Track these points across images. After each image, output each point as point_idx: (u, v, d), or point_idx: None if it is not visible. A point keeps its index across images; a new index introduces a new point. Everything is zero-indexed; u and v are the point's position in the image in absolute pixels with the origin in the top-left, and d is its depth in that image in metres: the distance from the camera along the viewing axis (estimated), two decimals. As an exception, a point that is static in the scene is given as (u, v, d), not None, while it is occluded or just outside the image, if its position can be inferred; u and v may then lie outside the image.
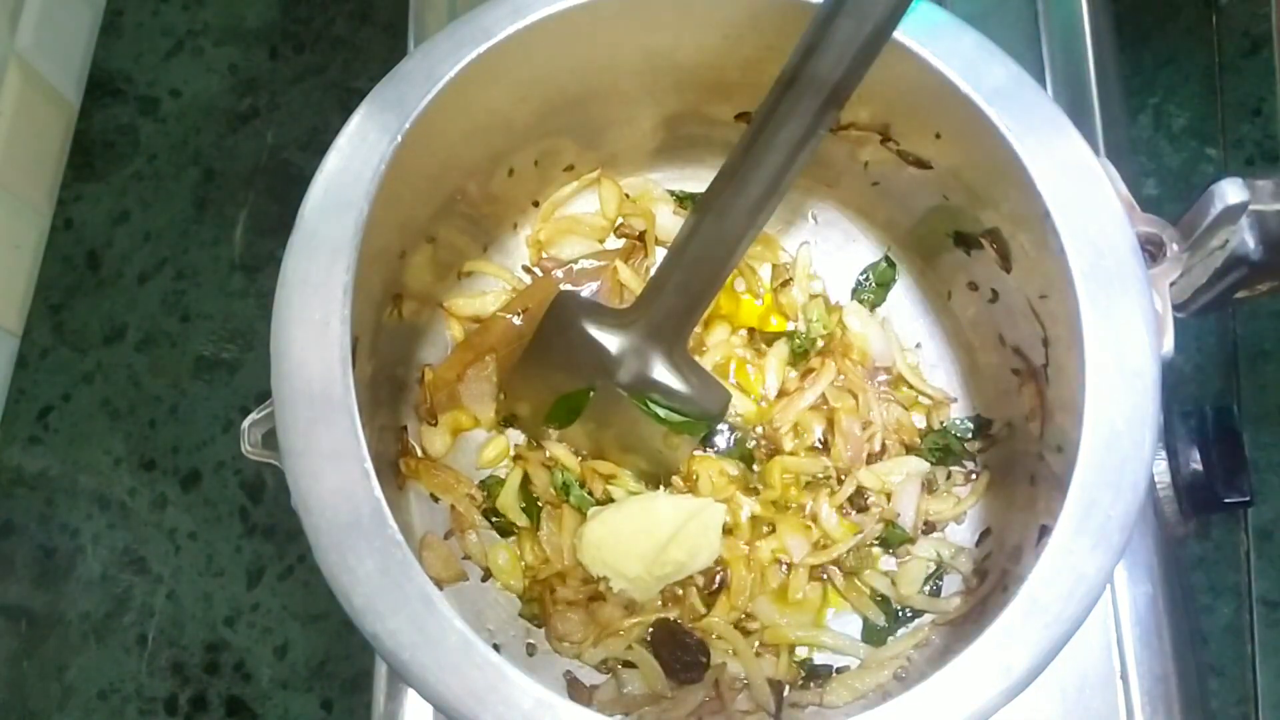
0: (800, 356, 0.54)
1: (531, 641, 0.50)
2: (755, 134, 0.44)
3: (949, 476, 0.52)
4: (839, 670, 0.49)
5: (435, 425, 0.52)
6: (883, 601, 0.50)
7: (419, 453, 0.52)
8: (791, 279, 0.55)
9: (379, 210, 0.42)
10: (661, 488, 0.52)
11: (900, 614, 0.50)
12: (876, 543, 0.51)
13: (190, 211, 0.69)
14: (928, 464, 0.52)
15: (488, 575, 0.51)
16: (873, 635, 0.50)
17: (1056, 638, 0.38)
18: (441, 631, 0.37)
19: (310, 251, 0.41)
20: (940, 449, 0.53)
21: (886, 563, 0.52)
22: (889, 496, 0.52)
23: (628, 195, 0.56)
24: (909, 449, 0.53)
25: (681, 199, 0.56)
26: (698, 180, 0.56)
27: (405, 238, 0.48)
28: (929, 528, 0.52)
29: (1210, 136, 0.67)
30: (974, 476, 0.52)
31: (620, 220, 0.56)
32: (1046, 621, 0.38)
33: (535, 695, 0.36)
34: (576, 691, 0.49)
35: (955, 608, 0.49)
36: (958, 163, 0.48)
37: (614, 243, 0.56)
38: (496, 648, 0.37)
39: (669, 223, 0.56)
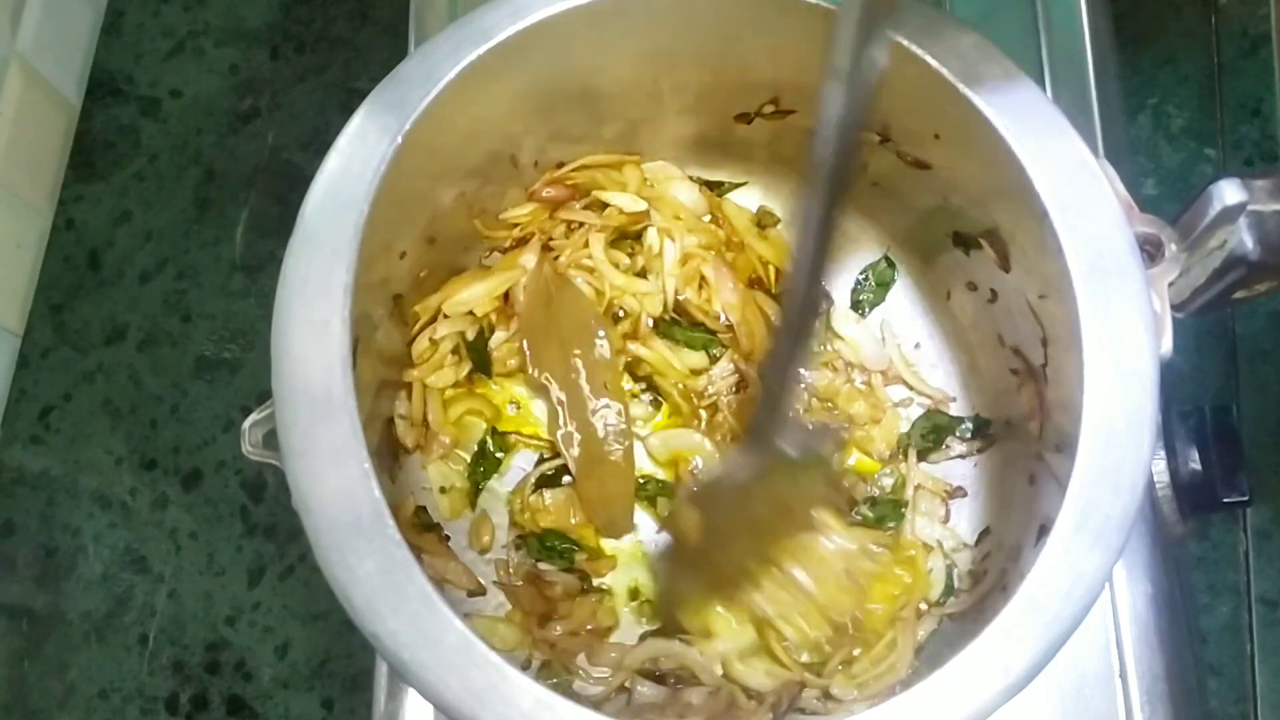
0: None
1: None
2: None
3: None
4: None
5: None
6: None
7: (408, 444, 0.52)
8: None
9: (379, 211, 0.42)
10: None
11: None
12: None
13: (191, 212, 0.69)
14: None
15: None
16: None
17: (1055, 637, 0.38)
18: (441, 631, 0.37)
19: (311, 252, 0.41)
20: (930, 430, 0.53)
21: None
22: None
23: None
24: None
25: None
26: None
27: (405, 238, 0.48)
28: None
29: (1209, 137, 0.67)
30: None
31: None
32: (1045, 621, 0.38)
33: (535, 694, 0.36)
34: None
35: (953, 605, 0.49)
36: (957, 163, 0.48)
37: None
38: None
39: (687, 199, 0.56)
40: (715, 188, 0.57)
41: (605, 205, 0.54)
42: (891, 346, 0.55)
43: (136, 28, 0.74)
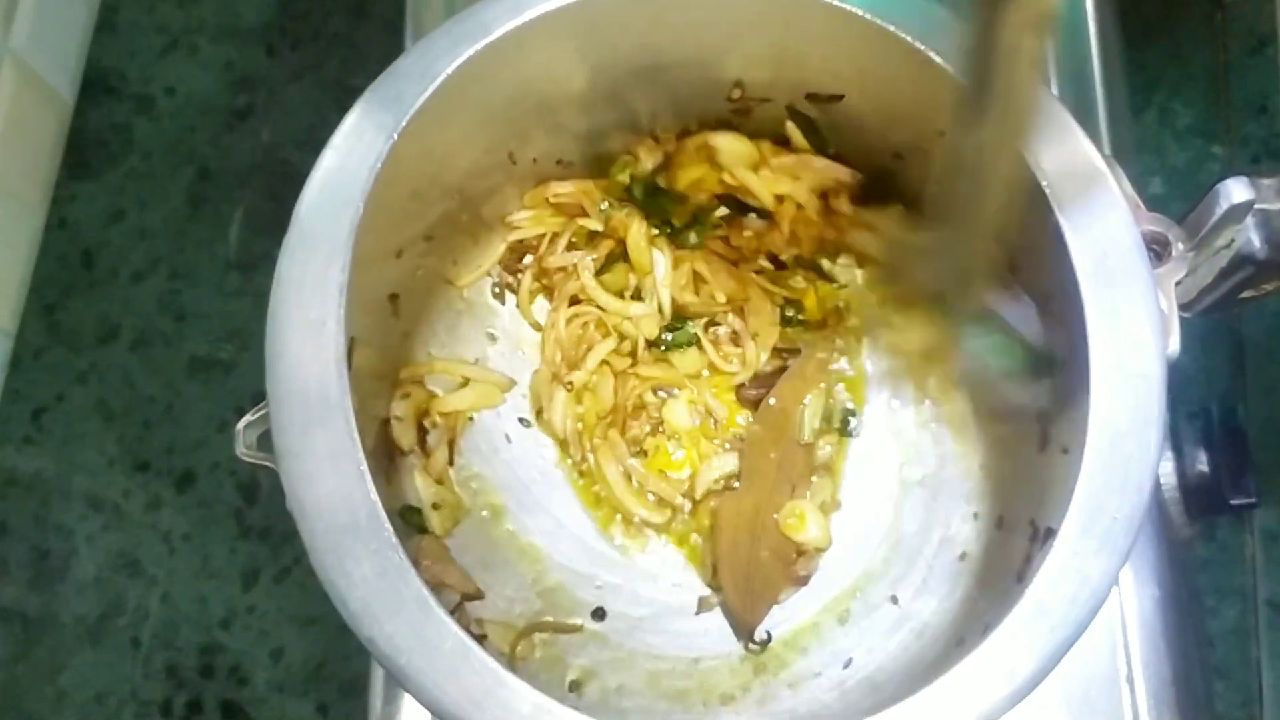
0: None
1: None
2: None
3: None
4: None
5: None
6: None
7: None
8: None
9: (375, 209, 0.41)
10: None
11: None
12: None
13: (185, 210, 0.69)
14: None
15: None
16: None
17: (1061, 641, 0.37)
18: (439, 636, 0.37)
19: (306, 251, 0.41)
20: None
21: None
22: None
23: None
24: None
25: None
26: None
27: (402, 237, 0.48)
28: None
29: (1216, 135, 0.67)
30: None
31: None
32: (1051, 625, 0.37)
33: (533, 700, 0.36)
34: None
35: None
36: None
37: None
38: (494, 652, 0.37)
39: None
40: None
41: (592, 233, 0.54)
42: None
43: (131, 25, 0.73)
